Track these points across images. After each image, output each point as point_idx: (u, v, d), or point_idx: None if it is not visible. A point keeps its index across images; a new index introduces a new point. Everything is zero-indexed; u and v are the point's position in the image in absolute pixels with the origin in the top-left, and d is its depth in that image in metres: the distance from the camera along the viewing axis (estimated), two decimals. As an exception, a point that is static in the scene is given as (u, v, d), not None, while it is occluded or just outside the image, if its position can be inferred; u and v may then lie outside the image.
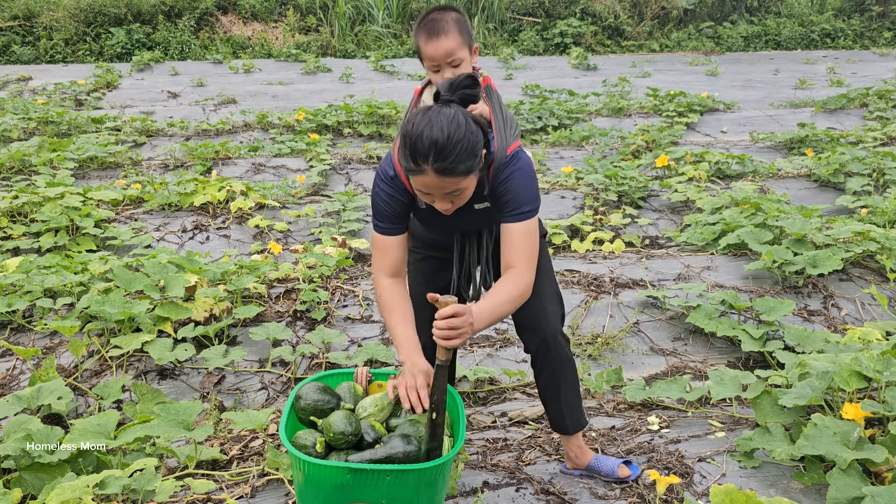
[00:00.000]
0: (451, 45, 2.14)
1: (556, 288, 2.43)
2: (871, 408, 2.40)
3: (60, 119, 7.54)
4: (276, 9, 14.32)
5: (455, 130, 1.85)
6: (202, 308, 3.52)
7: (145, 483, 2.26)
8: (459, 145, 1.86)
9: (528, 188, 2.10)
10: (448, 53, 2.15)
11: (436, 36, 2.15)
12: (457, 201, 2.01)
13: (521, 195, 2.09)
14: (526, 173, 2.11)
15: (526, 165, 2.11)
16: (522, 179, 2.09)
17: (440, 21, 2.16)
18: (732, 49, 14.42)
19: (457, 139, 1.85)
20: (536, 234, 2.14)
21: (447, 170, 1.87)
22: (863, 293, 4.00)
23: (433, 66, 2.20)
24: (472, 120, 1.92)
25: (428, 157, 1.85)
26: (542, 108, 8.24)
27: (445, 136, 1.84)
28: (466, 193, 2.00)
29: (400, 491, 1.94)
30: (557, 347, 2.35)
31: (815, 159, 6.31)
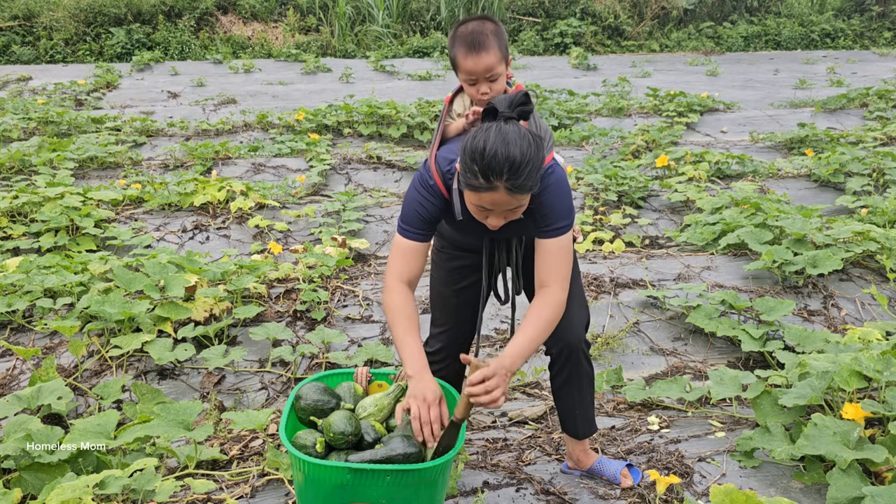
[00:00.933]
0: (491, 60, 2.12)
1: (582, 293, 2.41)
2: (871, 408, 2.40)
3: (60, 119, 7.54)
4: (276, 9, 14.32)
5: (528, 149, 1.85)
6: (202, 308, 3.52)
7: (145, 483, 2.26)
8: (531, 163, 1.86)
9: (562, 202, 2.09)
10: (488, 69, 2.13)
11: (476, 51, 2.12)
12: (510, 217, 2.00)
13: (556, 210, 2.08)
14: (560, 187, 2.09)
15: (560, 179, 2.09)
16: (557, 194, 2.08)
17: (480, 35, 2.12)
18: (732, 49, 14.42)
19: (529, 157, 1.85)
20: (570, 249, 2.14)
21: (519, 187, 1.87)
22: (863, 293, 4.00)
23: (470, 80, 2.17)
24: (532, 136, 1.90)
25: (502, 175, 1.84)
26: (542, 108, 8.24)
27: (520, 153, 1.84)
28: (522, 209, 2.00)
29: (400, 491, 1.94)
30: (580, 354, 2.33)
31: (815, 159, 6.31)
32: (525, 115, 1.96)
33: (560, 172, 2.10)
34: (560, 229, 2.10)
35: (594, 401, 2.48)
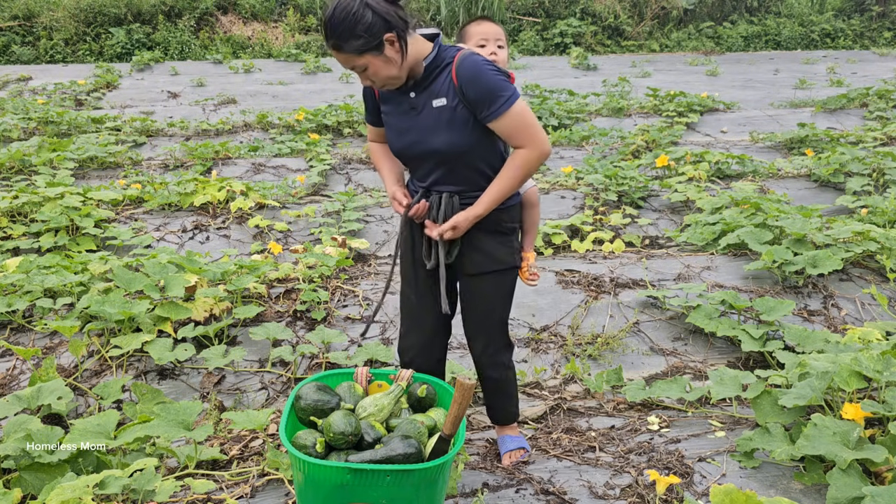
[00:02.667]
0: (495, 29, 2.61)
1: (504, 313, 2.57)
2: (871, 408, 2.40)
3: (60, 119, 7.54)
4: (276, 9, 14.32)
5: (339, 12, 2.12)
6: (202, 308, 3.52)
7: (145, 483, 2.26)
8: (339, 25, 2.12)
9: (490, 74, 2.21)
10: (496, 34, 2.60)
11: (490, 21, 2.63)
12: (375, 79, 2.24)
13: (489, 85, 2.20)
14: (481, 61, 2.23)
15: (483, 61, 2.24)
16: (481, 67, 2.21)
17: (492, 19, 2.67)
18: (732, 49, 14.42)
19: (336, 20, 2.12)
20: (527, 112, 2.26)
21: (335, 47, 2.17)
22: (863, 293, 4.00)
23: (482, 41, 2.59)
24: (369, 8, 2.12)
25: (328, 37, 2.18)
26: (542, 108, 8.23)
27: (332, 15, 2.13)
28: (377, 71, 2.20)
29: (400, 491, 1.94)
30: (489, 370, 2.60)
31: (815, 159, 6.31)
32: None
33: (472, 58, 2.23)
34: (504, 102, 2.21)
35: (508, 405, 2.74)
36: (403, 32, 2.20)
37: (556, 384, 3.34)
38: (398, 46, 2.19)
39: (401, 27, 2.19)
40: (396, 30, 2.17)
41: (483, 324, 2.54)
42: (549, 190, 5.98)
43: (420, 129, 2.32)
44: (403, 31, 2.20)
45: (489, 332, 2.55)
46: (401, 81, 2.27)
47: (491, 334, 2.56)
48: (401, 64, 2.21)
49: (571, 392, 3.28)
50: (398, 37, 2.18)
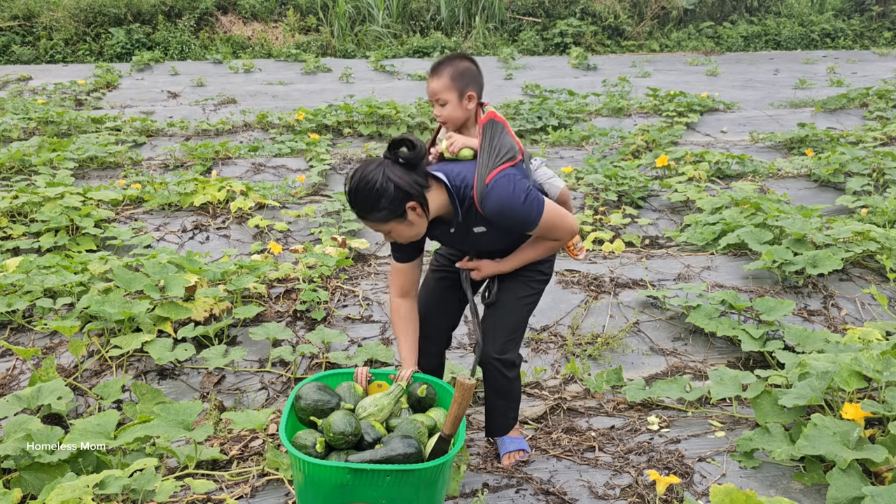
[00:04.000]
0: (436, 86, 2.47)
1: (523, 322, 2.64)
2: (870, 408, 2.40)
3: (60, 119, 7.54)
4: (276, 9, 14.32)
5: (365, 185, 2.19)
6: (202, 308, 3.52)
7: (145, 483, 2.26)
8: (363, 199, 2.21)
9: (514, 206, 2.27)
10: (433, 92, 2.48)
11: (430, 75, 2.50)
12: (400, 239, 2.35)
13: (515, 216, 2.29)
14: (503, 195, 2.26)
15: (501, 187, 2.26)
16: (504, 202, 2.26)
17: (441, 64, 2.48)
18: (732, 49, 14.42)
19: (361, 194, 2.20)
20: (554, 216, 2.36)
21: (360, 216, 2.26)
22: (863, 293, 4.00)
23: (431, 100, 2.53)
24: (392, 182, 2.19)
25: (351, 206, 2.26)
26: (542, 108, 8.23)
27: (354, 189, 2.21)
28: (400, 233, 2.31)
29: (400, 491, 1.94)
30: (492, 368, 2.59)
31: (815, 159, 6.31)
32: (402, 157, 2.24)
33: (502, 181, 2.27)
34: (532, 224, 2.33)
35: (507, 413, 2.71)
36: (424, 198, 2.28)
37: (556, 384, 3.34)
38: (420, 211, 2.28)
39: (421, 195, 2.27)
40: (416, 198, 2.25)
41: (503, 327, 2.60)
42: (549, 190, 5.97)
43: (466, 244, 2.53)
44: (424, 197, 2.28)
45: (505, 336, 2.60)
46: (423, 234, 2.38)
47: (506, 339, 2.60)
48: (423, 224, 2.33)
49: (571, 392, 3.28)
50: (419, 203, 2.26)
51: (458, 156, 2.40)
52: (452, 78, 2.45)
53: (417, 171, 2.26)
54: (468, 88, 2.46)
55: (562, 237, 2.44)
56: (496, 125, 2.42)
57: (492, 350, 2.57)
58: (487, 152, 2.33)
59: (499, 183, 2.26)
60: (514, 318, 2.61)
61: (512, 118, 8.05)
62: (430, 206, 2.30)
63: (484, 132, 2.39)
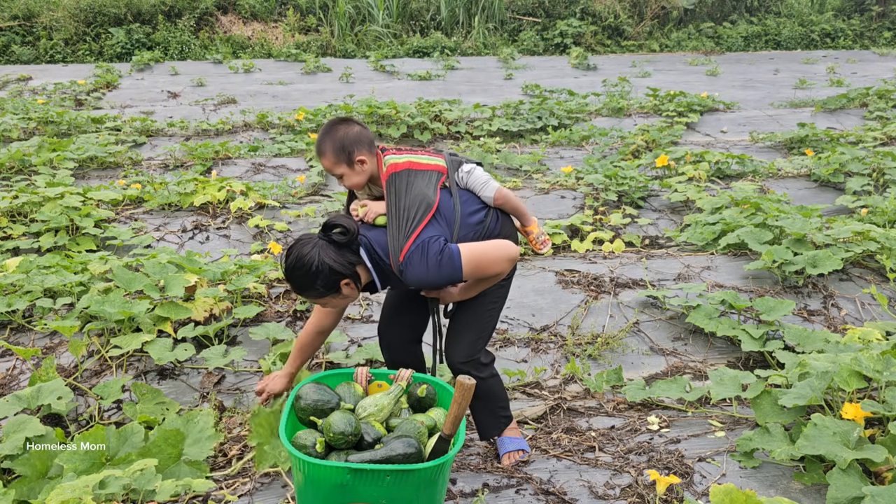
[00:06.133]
0: (326, 164, 2.49)
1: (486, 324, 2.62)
2: (870, 408, 2.40)
3: (60, 119, 7.54)
4: (276, 9, 14.32)
5: (298, 267, 2.29)
6: (202, 308, 3.52)
7: (145, 483, 2.26)
8: (300, 279, 2.31)
9: (433, 276, 2.31)
10: (327, 170, 2.51)
11: (317, 155, 2.53)
12: (333, 307, 2.48)
13: (438, 282, 2.34)
14: (418, 271, 2.30)
15: (414, 264, 2.30)
16: (421, 276, 2.31)
17: (321, 142, 2.48)
18: (732, 49, 14.42)
19: (297, 274, 2.30)
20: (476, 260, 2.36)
21: (297, 292, 2.37)
22: (863, 293, 4.00)
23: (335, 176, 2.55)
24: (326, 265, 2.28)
25: (287, 281, 2.36)
26: (542, 108, 8.23)
27: (289, 269, 2.32)
28: (335, 304, 2.43)
29: (400, 491, 1.94)
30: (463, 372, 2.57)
31: (815, 159, 6.30)
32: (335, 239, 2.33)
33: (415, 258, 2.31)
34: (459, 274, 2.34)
35: (494, 411, 2.73)
36: (357, 274, 2.37)
37: (556, 384, 3.34)
38: (353, 284, 2.37)
39: (354, 273, 2.35)
40: (349, 276, 2.34)
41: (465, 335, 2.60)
42: (549, 190, 5.98)
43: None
44: (356, 274, 2.36)
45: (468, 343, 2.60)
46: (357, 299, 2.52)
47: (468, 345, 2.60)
48: (357, 294, 2.42)
49: (571, 392, 3.28)
50: (351, 278, 2.35)
51: (375, 223, 2.44)
52: (335, 152, 2.45)
53: (350, 248, 2.35)
54: (355, 154, 2.45)
55: (499, 271, 2.42)
56: (399, 178, 2.42)
57: (456, 356, 2.58)
58: (396, 221, 2.35)
59: (411, 260, 2.30)
60: (477, 324, 2.61)
61: (512, 118, 8.05)
62: (361, 279, 2.39)
63: (388, 193, 2.41)
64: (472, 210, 2.51)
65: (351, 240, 2.34)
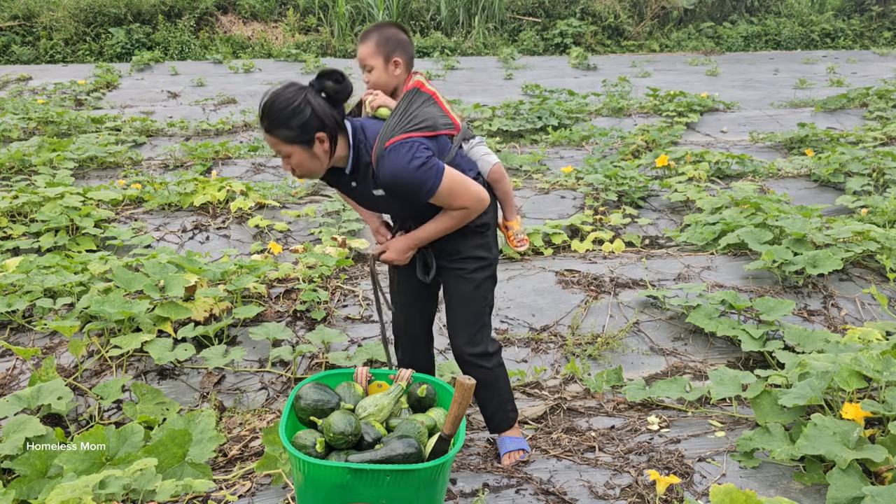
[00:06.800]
0: (363, 52, 2.50)
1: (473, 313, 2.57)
2: (870, 408, 2.39)
3: (60, 119, 7.54)
4: (276, 9, 14.32)
5: (281, 103, 2.16)
6: (202, 308, 3.52)
7: (145, 483, 2.26)
8: (276, 113, 2.16)
9: (407, 173, 2.23)
10: (361, 58, 2.51)
11: (359, 42, 2.53)
12: (297, 168, 2.29)
13: (409, 183, 2.24)
14: (397, 161, 2.22)
15: (397, 153, 2.22)
16: (397, 168, 2.22)
17: (369, 31, 2.51)
18: (732, 49, 14.42)
19: (275, 108, 2.16)
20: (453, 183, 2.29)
21: (267, 130, 2.21)
22: (863, 293, 4.00)
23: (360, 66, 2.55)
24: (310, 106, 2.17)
25: (260, 117, 2.22)
26: (542, 107, 8.23)
27: (271, 103, 2.17)
28: (300, 162, 2.25)
29: (400, 491, 1.94)
30: (468, 365, 2.58)
31: (815, 159, 6.31)
32: (325, 89, 2.23)
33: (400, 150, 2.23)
34: (428, 192, 2.27)
35: (503, 405, 2.71)
36: (335, 134, 2.26)
37: (556, 384, 3.34)
38: (327, 147, 2.25)
39: (334, 129, 2.25)
40: (328, 131, 2.23)
41: (463, 320, 2.57)
42: (549, 190, 5.98)
43: (370, 204, 2.47)
44: (335, 133, 2.26)
45: (469, 328, 2.57)
46: (319, 176, 2.35)
47: (472, 331, 2.57)
48: (324, 162, 2.28)
49: (571, 392, 3.28)
50: (329, 137, 2.24)
51: (377, 114, 2.40)
52: (378, 43, 2.46)
53: (337, 109, 2.25)
54: (394, 54, 2.46)
55: (467, 205, 2.34)
56: (420, 95, 2.38)
57: (463, 346, 2.56)
58: (399, 117, 2.29)
59: (396, 148, 2.22)
60: (471, 310, 2.56)
61: (512, 118, 8.04)
62: (335, 150, 2.28)
63: (403, 98, 2.37)
64: (465, 171, 2.46)
65: (343, 94, 2.24)
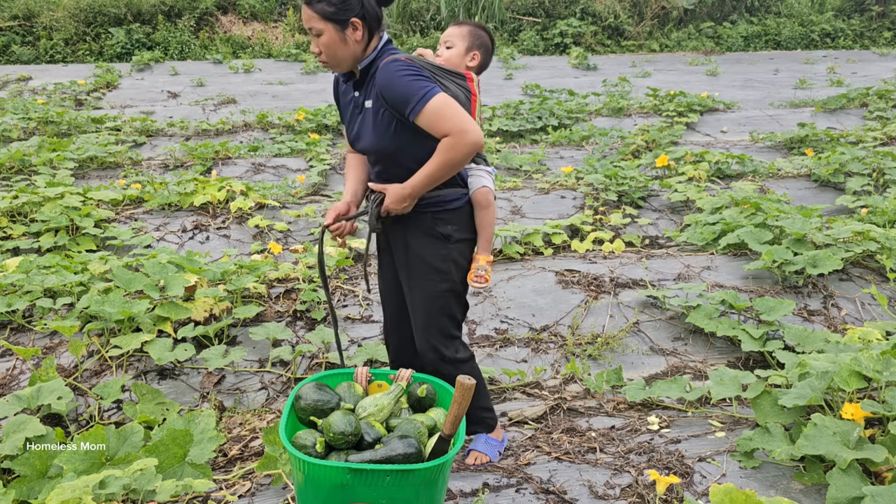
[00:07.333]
0: (454, 31, 2.64)
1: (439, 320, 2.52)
2: (870, 408, 2.39)
3: (60, 119, 7.54)
4: (275, 9, 14.32)
5: None
6: (202, 308, 3.52)
7: (145, 483, 2.26)
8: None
9: (402, 78, 2.23)
10: (448, 35, 2.65)
11: (453, 24, 2.69)
12: (325, 50, 2.29)
13: (400, 88, 2.23)
14: (397, 69, 2.23)
15: (399, 65, 2.24)
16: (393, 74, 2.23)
17: (467, 21, 2.70)
18: (732, 49, 14.42)
19: None
20: (447, 105, 2.23)
21: (308, 1, 2.23)
22: (863, 293, 4.00)
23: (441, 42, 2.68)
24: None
25: None
26: (542, 108, 8.23)
27: None
28: (329, 44, 2.27)
29: (400, 491, 1.94)
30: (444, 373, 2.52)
31: (815, 159, 6.31)
32: None
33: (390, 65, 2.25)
34: (418, 103, 2.22)
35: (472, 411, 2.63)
36: (374, 27, 2.30)
37: (556, 384, 3.34)
38: (361, 35, 2.27)
39: (373, 21, 2.29)
40: (368, 20, 2.27)
41: (422, 330, 2.53)
42: (549, 190, 5.98)
43: (359, 125, 2.43)
44: (374, 27, 2.30)
45: (428, 339, 2.53)
46: (342, 69, 2.36)
47: (431, 343, 2.52)
48: (354, 53, 2.29)
49: (571, 392, 3.28)
50: (365, 27, 2.27)
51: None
52: (471, 34, 2.61)
53: (384, 6, 2.31)
54: (476, 50, 2.61)
55: (455, 130, 2.21)
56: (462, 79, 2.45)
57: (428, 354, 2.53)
58: (432, 65, 2.34)
59: (401, 61, 2.25)
60: (431, 319, 2.51)
61: (512, 118, 8.04)
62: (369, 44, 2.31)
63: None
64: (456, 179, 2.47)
65: None
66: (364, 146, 2.43)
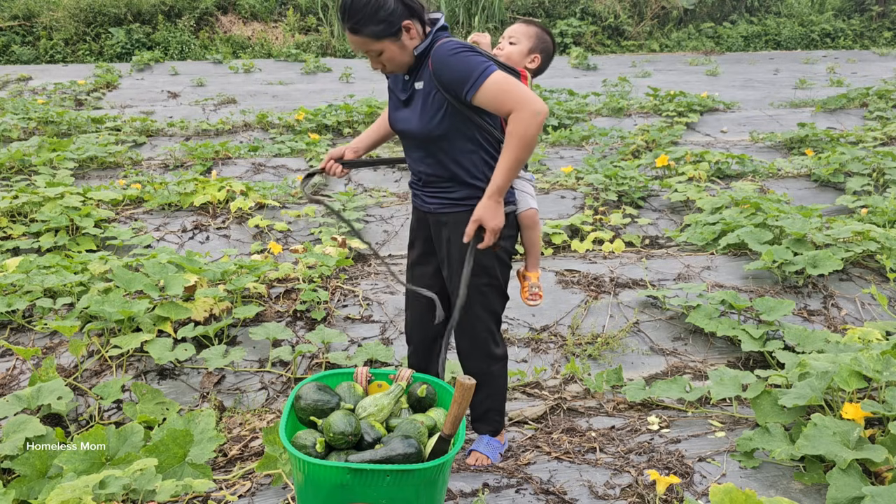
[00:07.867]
0: (520, 29, 2.62)
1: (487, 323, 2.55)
2: (870, 408, 2.39)
3: (60, 119, 7.54)
4: (276, 9, 14.32)
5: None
6: (202, 308, 3.52)
7: (145, 483, 2.26)
8: (360, 9, 2.14)
9: (460, 60, 2.18)
10: (513, 31, 2.63)
11: (519, 22, 2.67)
12: (389, 64, 2.27)
13: (458, 70, 2.18)
14: (454, 47, 2.20)
15: (456, 44, 2.21)
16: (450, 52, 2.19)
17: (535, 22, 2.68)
18: (732, 49, 14.42)
19: (357, 5, 2.14)
20: (508, 80, 2.18)
21: (353, 30, 2.18)
22: (863, 293, 4.00)
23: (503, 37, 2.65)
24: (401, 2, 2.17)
25: (343, 19, 2.18)
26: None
27: (349, 1, 2.15)
28: (391, 57, 2.24)
29: (400, 491, 1.94)
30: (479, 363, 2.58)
31: (815, 159, 6.31)
32: None
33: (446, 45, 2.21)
34: (478, 79, 2.17)
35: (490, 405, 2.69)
36: (423, 19, 2.24)
37: (556, 384, 3.34)
38: (415, 31, 2.23)
39: (421, 14, 2.23)
40: (417, 16, 2.21)
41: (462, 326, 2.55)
42: (549, 190, 5.97)
43: (406, 108, 2.39)
44: (423, 18, 2.24)
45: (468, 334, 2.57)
46: (406, 66, 2.31)
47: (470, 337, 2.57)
48: (413, 49, 2.25)
49: (571, 392, 3.28)
50: (416, 22, 2.21)
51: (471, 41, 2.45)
52: (537, 35, 2.58)
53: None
54: (539, 53, 2.58)
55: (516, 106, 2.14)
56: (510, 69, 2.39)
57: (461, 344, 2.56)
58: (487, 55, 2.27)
59: (458, 42, 2.21)
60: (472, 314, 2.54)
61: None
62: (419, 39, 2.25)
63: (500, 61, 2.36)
64: None
65: None
66: (408, 128, 2.38)
